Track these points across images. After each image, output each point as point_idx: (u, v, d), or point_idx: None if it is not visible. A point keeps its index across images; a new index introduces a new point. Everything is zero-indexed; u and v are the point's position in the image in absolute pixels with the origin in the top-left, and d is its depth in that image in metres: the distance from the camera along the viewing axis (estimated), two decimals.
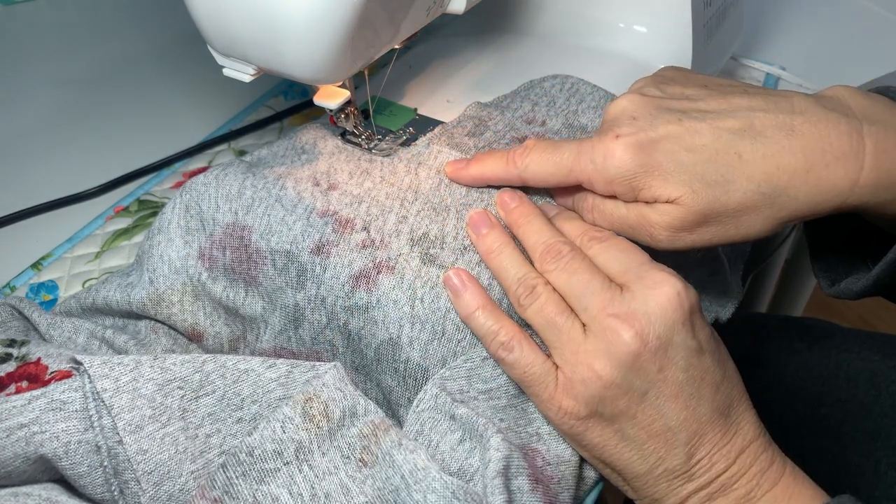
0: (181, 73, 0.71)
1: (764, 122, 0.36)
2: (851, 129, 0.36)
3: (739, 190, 0.36)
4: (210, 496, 0.33)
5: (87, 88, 0.70)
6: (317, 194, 0.43)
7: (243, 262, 0.42)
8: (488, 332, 0.37)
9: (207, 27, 0.39)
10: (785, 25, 0.77)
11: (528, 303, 0.37)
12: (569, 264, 0.37)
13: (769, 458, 0.36)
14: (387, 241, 0.41)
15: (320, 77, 0.40)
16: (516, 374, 0.37)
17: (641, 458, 0.35)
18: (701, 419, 0.35)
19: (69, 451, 0.34)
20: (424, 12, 0.44)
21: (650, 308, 0.34)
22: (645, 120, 0.38)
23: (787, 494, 0.35)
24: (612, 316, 0.34)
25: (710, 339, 0.36)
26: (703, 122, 0.37)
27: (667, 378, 0.34)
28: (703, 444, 0.35)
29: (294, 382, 0.37)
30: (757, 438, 0.36)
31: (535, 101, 0.50)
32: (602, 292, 0.35)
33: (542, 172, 0.40)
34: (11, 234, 0.55)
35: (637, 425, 0.35)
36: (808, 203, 0.36)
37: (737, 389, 0.36)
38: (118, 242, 0.53)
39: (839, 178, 0.35)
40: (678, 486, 0.35)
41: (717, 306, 0.48)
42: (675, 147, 0.36)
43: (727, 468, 0.35)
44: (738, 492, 0.35)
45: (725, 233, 0.37)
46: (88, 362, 0.35)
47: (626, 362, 0.34)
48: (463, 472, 0.35)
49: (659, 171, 0.36)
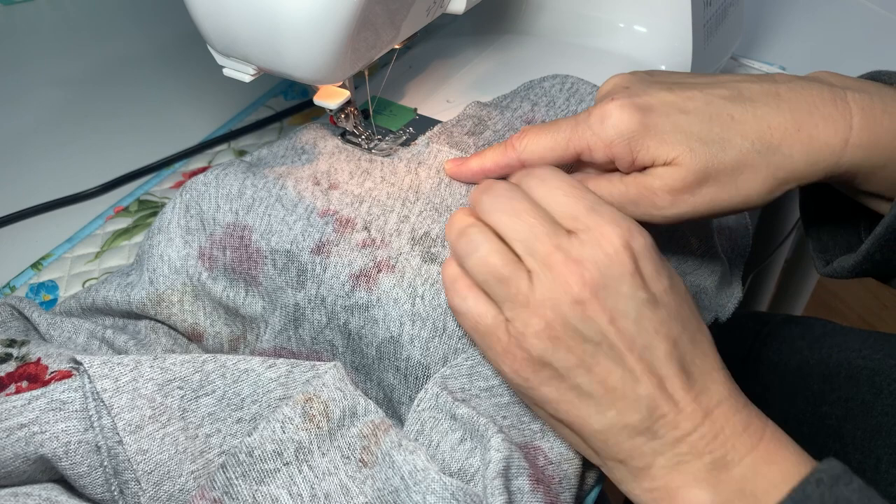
0: (181, 73, 0.71)
1: (751, 90, 0.38)
2: (835, 95, 0.38)
3: (735, 148, 0.37)
4: (210, 496, 0.33)
5: (87, 88, 0.70)
6: (317, 194, 0.43)
7: (243, 261, 0.42)
8: (449, 280, 0.37)
9: (207, 27, 0.39)
10: (785, 25, 0.77)
11: (468, 251, 0.35)
12: (511, 205, 0.35)
13: (744, 421, 0.34)
14: (387, 241, 0.41)
15: (320, 77, 0.40)
16: (468, 325, 0.36)
17: (599, 414, 0.34)
18: (659, 372, 0.33)
19: (69, 451, 0.34)
20: (424, 12, 0.44)
21: (598, 257, 0.33)
22: (639, 88, 0.39)
23: (768, 459, 0.33)
24: (561, 263, 0.33)
25: (668, 292, 0.34)
26: (695, 90, 0.38)
27: (619, 329, 0.33)
28: (665, 400, 0.33)
29: (294, 382, 0.37)
30: (728, 399, 0.34)
31: (534, 101, 0.50)
32: (550, 237, 0.34)
33: (540, 149, 0.40)
34: (11, 234, 0.55)
35: (592, 378, 0.33)
36: (804, 162, 0.37)
37: (699, 346, 0.35)
38: (118, 242, 0.53)
39: (830, 135, 0.37)
40: (641, 444, 0.33)
41: (717, 305, 0.48)
42: (671, 110, 0.38)
43: (695, 428, 0.33)
44: (712, 455, 0.33)
45: (726, 194, 0.38)
46: (88, 362, 0.35)
47: (576, 313, 0.33)
48: (463, 473, 0.35)
49: (656, 131, 0.37)
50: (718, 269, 0.47)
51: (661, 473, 0.33)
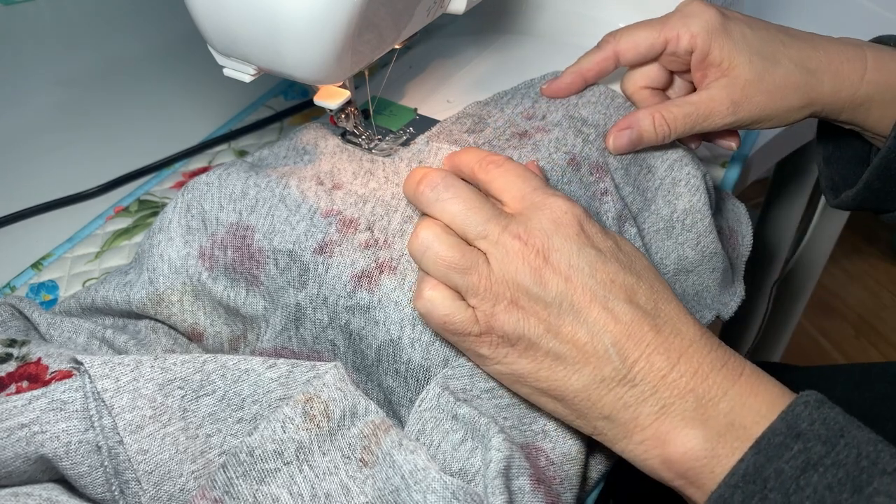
0: (181, 73, 0.71)
1: (797, 32, 0.48)
2: (855, 46, 0.48)
3: (783, 66, 0.46)
4: (210, 496, 0.33)
5: (87, 88, 0.70)
6: (321, 194, 0.43)
7: (245, 261, 0.42)
8: (418, 283, 0.37)
9: (207, 27, 0.39)
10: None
11: (421, 251, 0.37)
12: (455, 192, 0.38)
13: (721, 357, 0.34)
14: (390, 241, 0.41)
15: (320, 77, 0.40)
16: (437, 325, 0.37)
17: (576, 373, 0.34)
18: (623, 319, 0.34)
19: (70, 451, 0.34)
20: (425, 13, 0.44)
21: (544, 224, 0.36)
22: (719, 6, 0.48)
23: (752, 392, 0.33)
24: (514, 237, 0.36)
25: (616, 249, 0.37)
26: (757, 21, 0.48)
27: (576, 286, 0.35)
28: (635, 345, 0.34)
29: (294, 382, 0.37)
30: (700, 338, 0.35)
31: (534, 99, 0.50)
32: (499, 218, 0.37)
33: (634, 38, 0.47)
34: (11, 234, 0.55)
35: (563, 340, 0.34)
36: (831, 89, 0.46)
37: (661, 294, 0.36)
38: (118, 242, 0.53)
39: (851, 71, 0.46)
40: (623, 394, 0.34)
41: (719, 304, 0.48)
42: (740, 23, 0.47)
43: (671, 367, 0.34)
44: (694, 394, 0.33)
45: (773, 104, 0.46)
46: (89, 362, 0.35)
47: (534, 280, 0.35)
48: (464, 473, 0.35)
49: (729, 35, 0.46)
50: (720, 266, 0.47)
51: (648, 422, 0.34)
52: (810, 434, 0.31)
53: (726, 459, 0.32)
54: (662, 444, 0.33)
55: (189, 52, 0.73)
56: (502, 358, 0.36)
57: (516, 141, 0.46)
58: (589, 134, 0.46)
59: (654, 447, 0.34)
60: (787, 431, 0.31)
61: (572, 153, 0.45)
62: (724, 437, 0.32)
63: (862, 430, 0.31)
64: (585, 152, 0.45)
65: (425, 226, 0.37)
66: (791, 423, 0.31)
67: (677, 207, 0.47)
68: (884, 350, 1.55)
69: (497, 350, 0.36)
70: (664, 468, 0.34)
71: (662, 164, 0.47)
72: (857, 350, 1.56)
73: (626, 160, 0.47)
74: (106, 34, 0.78)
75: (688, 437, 0.33)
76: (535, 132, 0.47)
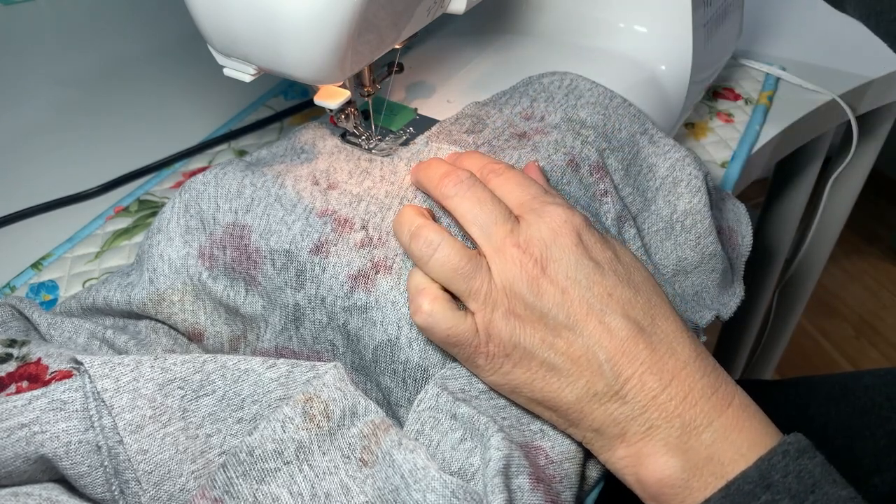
0: (181, 73, 0.71)
1: None
2: None
3: None
4: (210, 496, 0.33)
5: (87, 88, 0.70)
6: (316, 194, 0.43)
7: (243, 261, 0.42)
8: (414, 292, 0.37)
9: (207, 27, 0.39)
10: (785, 25, 0.77)
11: (428, 252, 0.37)
12: (473, 192, 0.38)
13: (712, 384, 0.34)
14: (384, 239, 0.41)
15: (320, 77, 0.40)
16: (439, 337, 0.36)
17: (570, 386, 0.35)
18: (619, 335, 0.34)
19: (70, 451, 0.34)
20: (425, 13, 0.44)
21: (543, 234, 0.36)
22: None
23: (737, 426, 0.33)
24: (514, 245, 0.36)
25: (614, 261, 0.37)
26: None
27: (572, 298, 0.35)
28: (629, 362, 0.34)
29: (294, 382, 0.37)
30: (695, 360, 0.34)
31: (533, 98, 0.50)
32: (505, 223, 0.37)
33: None
34: (11, 234, 0.55)
35: (558, 352, 0.35)
36: None
37: (658, 309, 0.36)
38: (118, 242, 0.53)
39: None
40: (613, 410, 0.34)
41: (719, 304, 0.48)
42: None
43: (662, 390, 0.33)
44: (681, 419, 0.33)
45: None
46: (89, 362, 0.35)
47: (531, 290, 0.35)
48: (464, 472, 0.35)
49: None
50: (720, 267, 0.47)
51: (634, 440, 0.34)
52: (781, 486, 0.31)
53: (698, 493, 0.32)
54: (642, 464, 0.34)
55: (189, 52, 0.73)
56: (498, 368, 0.36)
57: (515, 141, 0.46)
58: (588, 135, 0.46)
59: (633, 465, 0.34)
60: (758, 480, 0.31)
61: (571, 154, 0.45)
62: (700, 471, 0.32)
63: (836, 486, 0.31)
64: (584, 153, 0.45)
65: (432, 227, 0.37)
66: (764, 473, 0.31)
67: (677, 208, 0.47)
68: (884, 350, 1.55)
69: (493, 361, 0.36)
70: (639, 487, 0.34)
71: (664, 164, 0.47)
72: (857, 350, 1.56)
73: (626, 160, 0.47)
74: (106, 34, 0.78)
75: (667, 464, 0.33)
76: (534, 133, 0.47)
